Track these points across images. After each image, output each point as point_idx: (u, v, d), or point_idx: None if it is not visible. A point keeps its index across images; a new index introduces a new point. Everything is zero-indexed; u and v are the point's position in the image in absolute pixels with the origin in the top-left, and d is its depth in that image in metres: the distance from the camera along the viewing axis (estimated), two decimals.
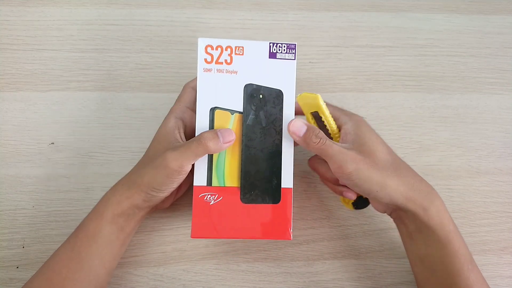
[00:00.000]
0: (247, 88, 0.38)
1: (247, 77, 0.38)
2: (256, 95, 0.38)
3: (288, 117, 0.39)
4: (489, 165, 0.48)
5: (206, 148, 0.35)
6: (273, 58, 0.39)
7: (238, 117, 0.38)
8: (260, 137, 0.39)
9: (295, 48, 0.39)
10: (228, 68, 0.38)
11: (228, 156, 0.38)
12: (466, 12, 0.52)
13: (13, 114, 0.46)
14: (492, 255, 0.46)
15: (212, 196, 0.38)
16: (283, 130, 0.39)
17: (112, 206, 0.37)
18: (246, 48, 0.38)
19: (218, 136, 0.36)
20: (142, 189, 0.36)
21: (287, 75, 0.39)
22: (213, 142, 0.35)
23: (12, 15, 0.48)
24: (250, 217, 0.38)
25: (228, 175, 0.38)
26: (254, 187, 0.38)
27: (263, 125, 0.39)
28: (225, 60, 0.38)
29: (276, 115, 0.39)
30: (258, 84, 0.38)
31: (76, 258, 0.36)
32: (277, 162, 0.39)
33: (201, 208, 0.38)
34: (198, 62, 0.38)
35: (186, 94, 0.40)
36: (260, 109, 0.39)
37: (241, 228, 0.38)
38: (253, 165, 0.39)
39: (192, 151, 0.35)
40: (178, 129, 0.38)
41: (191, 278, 0.43)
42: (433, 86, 0.50)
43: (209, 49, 0.38)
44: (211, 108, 0.38)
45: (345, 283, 0.44)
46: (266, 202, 0.39)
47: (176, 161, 0.35)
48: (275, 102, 0.39)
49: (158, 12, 0.50)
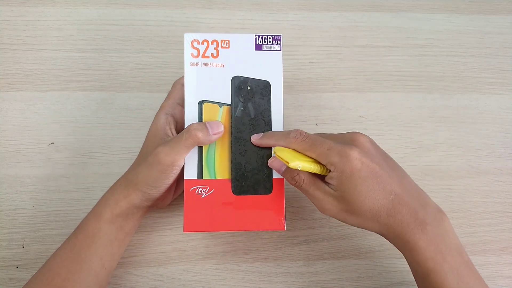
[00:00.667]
0: (235, 80, 0.39)
1: (234, 69, 0.39)
2: (244, 87, 0.39)
3: (276, 108, 0.39)
4: (489, 165, 0.48)
5: (196, 139, 0.35)
6: (259, 50, 0.39)
7: (226, 110, 0.39)
8: (249, 129, 0.39)
9: (280, 39, 0.39)
10: (214, 62, 0.38)
11: (218, 148, 0.38)
12: (466, 12, 0.52)
13: (13, 114, 0.46)
14: (492, 255, 0.46)
15: (203, 189, 0.38)
16: (272, 121, 0.39)
17: (110, 206, 0.37)
18: (232, 41, 0.39)
19: (207, 127, 0.36)
20: (138, 187, 0.36)
21: (273, 66, 0.39)
22: (203, 133, 0.35)
23: (12, 15, 0.48)
24: (243, 208, 0.38)
25: (219, 168, 0.38)
26: (245, 178, 0.38)
27: (251, 116, 0.39)
28: (211, 53, 0.38)
29: (265, 106, 0.39)
30: (246, 76, 0.39)
31: (75, 259, 0.36)
32: (267, 152, 0.39)
33: (193, 202, 0.37)
34: (185, 56, 0.38)
35: (175, 90, 0.40)
36: (248, 101, 0.39)
37: (234, 220, 0.38)
38: (243, 156, 0.39)
39: (182, 144, 0.35)
40: (169, 125, 0.38)
41: (191, 278, 0.43)
42: (433, 86, 0.50)
43: (196, 43, 0.38)
44: (199, 101, 0.38)
45: (345, 283, 0.44)
46: (258, 193, 0.38)
47: (168, 156, 0.35)
48: (263, 93, 0.39)
49: (158, 12, 0.50)
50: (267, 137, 0.38)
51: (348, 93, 0.49)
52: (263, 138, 0.38)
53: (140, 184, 0.36)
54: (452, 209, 0.47)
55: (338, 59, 0.50)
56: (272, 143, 0.37)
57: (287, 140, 0.35)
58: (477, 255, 0.46)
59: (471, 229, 0.46)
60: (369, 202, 0.33)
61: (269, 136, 0.37)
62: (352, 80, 0.50)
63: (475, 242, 0.46)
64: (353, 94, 0.49)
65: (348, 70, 0.50)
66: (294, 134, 0.35)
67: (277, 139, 0.37)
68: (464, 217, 0.47)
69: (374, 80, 0.50)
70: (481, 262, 0.45)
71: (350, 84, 0.49)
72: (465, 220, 0.47)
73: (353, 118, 0.48)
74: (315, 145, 0.34)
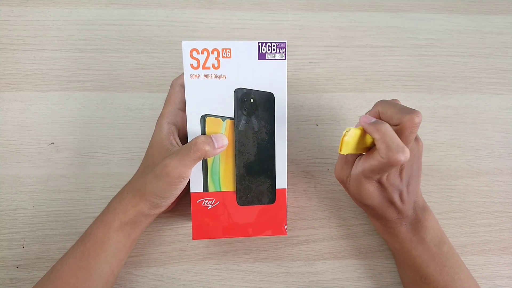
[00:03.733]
0: (237, 93, 0.38)
1: (236, 81, 0.37)
2: (247, 100, 0.38)
3: (280, 120, 0.39)
4: (489, 165, 0.48)
5: (204, 152, 0.35)
6: (262, 59, 0.37)
7: (230, 123, 0.38)
8: (253, 142, 0.39)
9: (285, 47, 0.37)
10: (216, 73, 0.37)
11: (223, 161, 0.38)
12: (466, 12, 0.52)
13: (13, 114, 0.46)
14: (492, 255, 0.46)
15: (209, 201, 0.38)
16: (276, 133, 0.39)
17: (119, 215, 0.37)
18: (233, 50, 0.37)
19: (212, 140, 0.36)
20: (147, 197, 0.37)
21: (278, 76, 0.38)
22: (210, 146, 0.36)
23: (12, 15, 0.48)
24: (247, 217, 0.39)
25: (223, 180, 0.38)
26: (250, 190, 0.39)
27: (255, 129, 0.38)
28: (212, 64, 0.37)
29: (268, 119, 0.39)
30: (248, 88, 0.38)
31: (85, 267, 0.36)
32: (271, 164, 0.39)
33: (200, 212, 0.38)
34: (184, 68, 0.37)
35: (174, 93, 0.39)
36: (251, 114, 0.38)
37: (239, 228, 0.39)
38: (247, 169, 0.39)
39: (190, 157, 0.35)
40: (172, 134, 0.38)
41: (191, 278, 0.43)
42: (433, 86, 0.50)
43: (195, 53, 0.36)
44: (202, 115, 0.37)
45: (345, 283, 0.44)
46: (261, 203, 0.39)
47: (176, 169, 0.35)
48: (267, 105, 0.38)
49: (158, 12, 0.50)
50: (378, 131, 0.33)
51: (348, 93, 0.49)
52: (377, 126, 0.33)
53: (148, 195, 0.36)
54: (452, 209, 0.47)
55: (338, 59, 0.50)
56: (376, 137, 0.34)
57: (389, 153, 0.32)
58: (477, 255, 0.46)
59: (471, 229, 0.46)
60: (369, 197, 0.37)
61: (381, 134, 0.33)
62: (352, 80, 0.50)
63: (475, 242, 0.46)
64: (353, 94, 0.49)
65: (348, 70, 0.50)
66: (401, 158, 0.32)
67: (383, 143, 0.33)
68: (464, 217, 0.47)
69: (374, 80, 0.50)
70: (481, 262, 0.45)
71: (350, 84, 0.49)
72: (465, 220, 0.47)
73: (353, 118, 0.48)
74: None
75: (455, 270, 0.38)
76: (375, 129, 0.33)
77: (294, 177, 0.46)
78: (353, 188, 0.38)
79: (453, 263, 0.38)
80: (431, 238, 0.38)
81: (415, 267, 0.39)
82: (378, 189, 0.37)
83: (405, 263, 0.40)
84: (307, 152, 0.47)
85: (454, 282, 0.37)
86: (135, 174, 0.40)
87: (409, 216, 0.39)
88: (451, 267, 0.38)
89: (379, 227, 0.41)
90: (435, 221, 0.39)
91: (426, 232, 0.38)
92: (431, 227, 0.39)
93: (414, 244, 0.39)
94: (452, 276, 0.38)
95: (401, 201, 0.37)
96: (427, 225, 0.39)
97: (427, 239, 0.38)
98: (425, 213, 0.39)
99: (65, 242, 0.44)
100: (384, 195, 0.37)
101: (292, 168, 0.46)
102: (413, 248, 0.39)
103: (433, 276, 0.38)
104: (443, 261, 0.38)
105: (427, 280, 0.38)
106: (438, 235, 0.39)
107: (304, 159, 0.47)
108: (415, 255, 0.39)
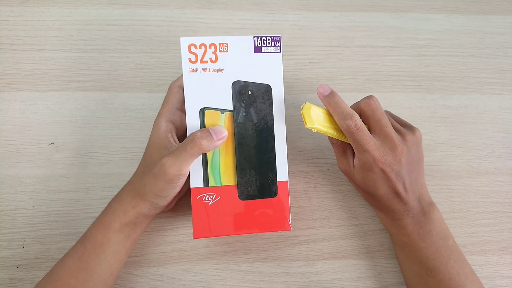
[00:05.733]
0: (235, 86, 0.38)
1: (234, 74, 0.38)
2: (245, 92, 0.38)
3: (278, 111, 0.39)
4: (489, 165, 0.48)
5: (201, 147, 0.35)
6: (258, 52, 0.38)
7: (228, 116, 0.38)
8: (252, 134, 0.39)
9: (279, 40, 0.39)
10: (214, 67, 0.38)
11: (223, 155, 0.38)
12: (466, 12, 0.52)
13: (13, 114, 0.46)
14: (492, 255, 0.46)
15: (210, 196, 0.38)
16: (275, 124, 0.39)
17: (119, 216, 0.37)
18: (230, 44, 0.38)
19: (210, 133, 0.36)
20: (146, 198, 0.36)
21: (274, 68, 0.39)
22: (207, 140, 0.35)
23: (12, 15, 0.48)
24: (249, 212, 0.39)
25: (224, 174, 0.38)
26: (251, 183, 0.39)
27: (254, 121, 0.39)
28: (210, 58, 0.38)
29: (266, 110, 0.39)
30: (246, 80, 0.38)
31: (85, 268, 0.36)
32: (271, 156, 0.39)
33: (200, 209, 0.38)
34: (183, 62, 0.37)
35: (172, 94, 0.40)
36: (250, 106, 0.39)
37: (241, 225, 0.39)
38: (247, 162, 0.39)
39: (187, 153, 0.35)
40: (170, 132, 0.38)
41: (191, 278, 0.43)
42: (433, 86, 0.50)
43: (193, 48, 0.38)
44: (201, 109, 0.38)
45: (345, 283, 0.44)
46: (263, 197, 0.39)
47: (173, 167, 0.35)
48: (264, 97, 0.39)
49: (158, 12, 0.50)
50: (329, 104, 0.38)
51: (348, 93, 0.49)
52: (328, 99, 0.38)
53: (147, 195, 0.36)
54: (452, 209, 0.47)
55: (338, 59, 0.50)
56: (330, 110, 0.38)
57: (340, 122, 0.37)
58: (477, 255, 0.46)
59: (471, 229, 0.46)
60: (373, 185, 0.39)
61: (332, 106, 0.38)
62: (352, 80, 0.50)
63: (475, 242, 0.46)
64: (353, 94, 0.49)
65: (348, 70, 0.50)
66: (350, 124, 0.36)
67: (335, 114, 0.38)
68: (464, 217, 0.47)
69: (374, 80, 0.50)
70: (481, 262, 0.45)
71: (350, 84, 0.49)
72: (465, 220, 0.47)
73: None
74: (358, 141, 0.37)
75: (459, 264, 0.38)
76: (327, 102, 0.38)
77: (294, 177, 0.46)
78: (358, 178, 0.39)
79: (458, 257, 0.39)
80: (437, 232, 0.39)
81: (422, 260, 0.39)
82: (382, 177, 0.38)
83: (411, 256, 0.40)
84: (307, 152, 0.47)
85: (458, 275, 0.38)
86: (134, 174, 0.40)
87: (415, 207, 0.39)
88: (456, 260, 0.38)
89: (386, 220, 0.42)
90: (441, 216, 0.40)
91: (433, 225, 0.39)
92: (438, 219, 0.39)
93: (421, 236, 0.39)
94: (457, 269, 0.38)
95: (404, 190, 0.38)
96: (433, 218, 0.39)
97: (434, 232, 0.39)
98: (431, 207, 0.39)
99: (65, 242, 0.44)
100: (388, 183, 0.38)
101: (292, 168, 0.46)
102: (421, 240, 0.39)
103: (439, 269, 0.38)
104: (449, 254, 0.38)
105: (433, 273, 0.38)
106: (444, 229, 0.39)
107: (304, 159, 0.47)
108: (423, 247, 0.39)
